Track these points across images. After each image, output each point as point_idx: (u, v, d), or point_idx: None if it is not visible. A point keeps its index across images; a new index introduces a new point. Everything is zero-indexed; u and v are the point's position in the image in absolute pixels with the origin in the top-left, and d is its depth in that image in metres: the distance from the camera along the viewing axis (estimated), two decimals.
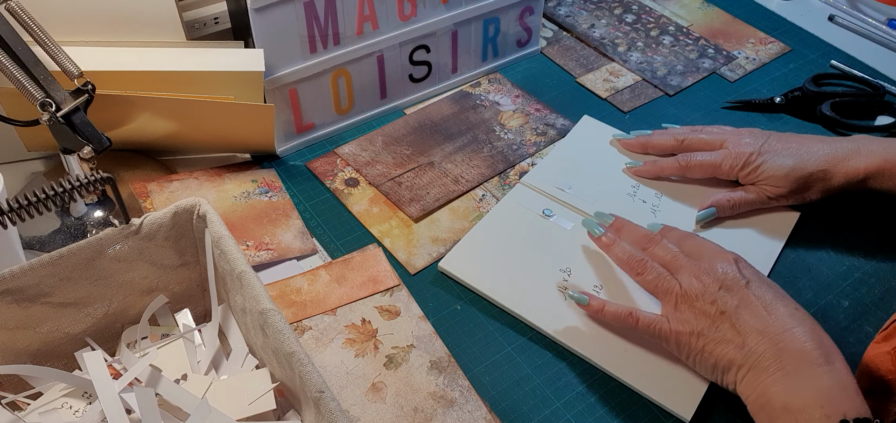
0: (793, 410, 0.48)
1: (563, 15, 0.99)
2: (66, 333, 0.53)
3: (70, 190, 0.47)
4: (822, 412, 0.47)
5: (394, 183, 0.74)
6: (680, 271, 0.58)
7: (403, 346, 0.60)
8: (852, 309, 0.64)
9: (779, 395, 0.49)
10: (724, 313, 0.54)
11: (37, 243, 0.65)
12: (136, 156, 0.75)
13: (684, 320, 0.55)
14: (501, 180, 0.75)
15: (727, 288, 0.55)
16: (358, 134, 0.80)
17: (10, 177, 0.71)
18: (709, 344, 0.54)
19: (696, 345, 0.54)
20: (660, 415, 0.56)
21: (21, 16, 0.61)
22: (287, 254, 0.66)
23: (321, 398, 0.43)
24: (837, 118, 0.82)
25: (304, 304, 0.62)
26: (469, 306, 0.63)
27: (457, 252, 0.67)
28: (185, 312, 0.57)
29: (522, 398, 0.57)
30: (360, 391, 0.56)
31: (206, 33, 0.78)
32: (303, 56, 0.74)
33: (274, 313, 0.48)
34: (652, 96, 0.87)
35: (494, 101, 0.85)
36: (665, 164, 0.73)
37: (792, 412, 0.48)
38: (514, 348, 0.60)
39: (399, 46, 0.80)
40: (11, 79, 0.57)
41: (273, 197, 0.72)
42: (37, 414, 0.50)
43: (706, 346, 0.54)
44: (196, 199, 0.54)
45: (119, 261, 0.53)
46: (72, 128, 0.59)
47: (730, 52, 0.94)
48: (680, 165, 0.72)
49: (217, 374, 0.54)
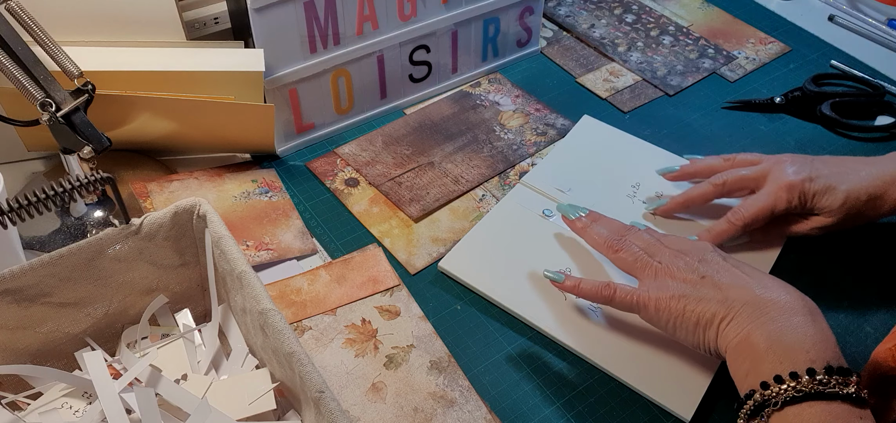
0: (777, 351, 0.48)
1: (563, 15, 0.99)
2: (66, 333, 0.53)
3: (70, 190, 0.47)
4: (807, 357, 0.47)
5: (394, 183, 0.74)
6: (657, 253, 0.57)
7: (403, 346, 0.60)
8: (852, 309, 0.64)
9: (762, 338, 0.49)
10: (704, 277, 0.54)
11: (37, 243, 0.65)
12: (136, 156, 0.75)
13: (664, 287, 0.55)
14: (501, 180, 0.75)
15: (706, 262, 0.55)
16: (358, 134, 0.80)
17: (10, 177, 0.71)
18: (690, 303, 0.53)
19: (677, 307, 0.54)
20: (660, 415, 0.56)
21: (21, 16, 0.61)
22: (287, 254, 0.66)
23: (321, 398, 0.43)
24: (837, 118, 0.82)
25: (304, 304, 0.62)
26: (469, 306, 0.63)
27: (457, 252, 0.67)
28: (185, 312, 0.57)
29: (522, 398, 0.57)
30: (360, 391, 0.56)
31: (206, 33, 0.78)
32: (303, 56, 0.74)
33: (274, 313, 0.48)
34: (652, 96, 0.87)
35: (494, 101, 0.85)
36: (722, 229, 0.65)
37: (776, 353, 0.48)
38: (514, 349, 0.60)
39: (399, 46, 0.80)
40: (11, 79, 0.57)
41: (273, 197, 0.72)
42: (37, 414, 0.50)
43: (687, 306, 0.53)
44: (196, 199, 0.54)
45: (119, 261, 0.53)
46: (72, 128, 0.59)
47: (730, 52, 0.94)
48: (733, 224, 0.64)
49: (217, 374, 0.54)
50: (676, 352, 0.59)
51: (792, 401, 0.46)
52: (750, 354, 0.49)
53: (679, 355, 0.59)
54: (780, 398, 0.46)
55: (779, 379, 0.46)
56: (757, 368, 0.48)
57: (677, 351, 0.59)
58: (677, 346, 0.59)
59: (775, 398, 0.46)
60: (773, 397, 0.46)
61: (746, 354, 0.49)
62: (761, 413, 0.47)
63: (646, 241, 0.59)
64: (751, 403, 0.47)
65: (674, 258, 0.56)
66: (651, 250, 0.58)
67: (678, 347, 0.59)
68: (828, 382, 0.45)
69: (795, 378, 0.46)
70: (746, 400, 0.48)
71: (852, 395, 0.45)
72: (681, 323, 0.54)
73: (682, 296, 0.54)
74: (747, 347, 0.49)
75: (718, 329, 0.52)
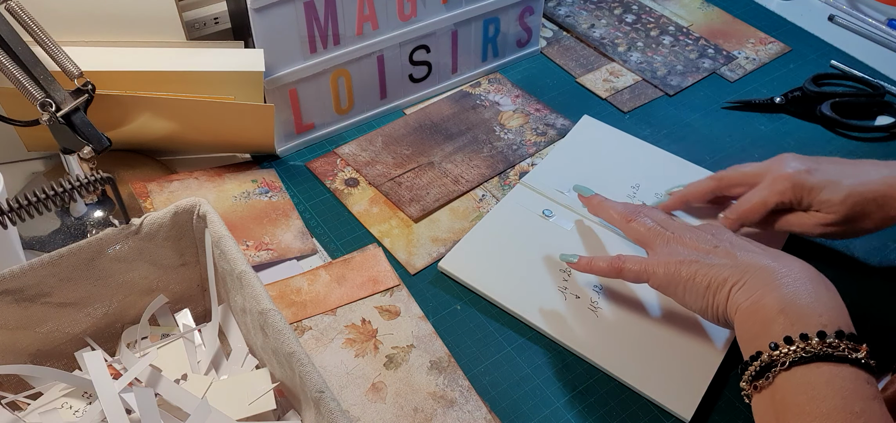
0: (790, 314, 0.47)
1: (563, 15, 0.99)
2: (66, 333, 0.53)
3: (70, 190, 0.47)
4: (819, 320, 0.46)
5: (394, 183, 0.74)
6: (670, 226, 0.59)
7: (403, 346, 0.60)
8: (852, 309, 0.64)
9: (774, 301, 0.48)
10: (717, 247, 0.54)
11: (37, 243, 0.65)
12: (136, 156, 0.75)
13: (675, 252, 0.55)
14: (501, 180, 0.75)
15: (719, 234, 0.56)
16: (358, 134, 0.80)
17: (10, 177, 0.71)
18: (702, 268, 0.53)
19: (688, 271, 0.53)
20: (660, 415, 0.56)
21: (21, 16, 0.61)
22: (287, 254, 0.66)
23: (321, 398, 0.43)
24: (837, 118, 0.82)
25: (304, 304, 0.62)
26: (469, 306, 0.63)
27: (457, 252, 0.67)
28: (185, 312, 0.57)
29: (522, 398, 0.57)
30: (360, 391, 0.56)
31: (206, 33, 0.78)
32: (303, 56, 0.74)
33: (274, 313, 0.48)
34: (652, 96, 0.87)
35: (494, 101, 0.85)
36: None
37: (788, 315, 0.47)
38: (514, 349, 0.60)
39: (399, 46, 0.80)
40: (11, 79, 0.57)
41: (273, 197, 0.72)
42: (37, 414, 0.50)
43: (699, 270, 0.53)
44: (196, 199, 0.54)
45: (119, 261, 0.53)
46: (72, 128, 0.59)
47: (730, 52, 0.94)
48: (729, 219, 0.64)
49: (217, 374, 0.54)
50: (676, 352, 0.59)
51: (800, 361, 0.45)
52: (761, 317, 0.49)
53: (679, 355, 0.59)
54: (788, 359, 0.45)
55: (788, 340, 0.46)
56: (767, 330, 0.48)
57: (677, 351, 0.59)
58: (677, 346, 0.59)
59: (784, 359, 0.46)
60: (781, 357, 0.46)
61: (757, 317, 0.49)
62: (767, 374, 0.46)
63: (659, 216, 0.60)
64: (757, 364, 0.47)
65: (685, 230, 0.57)
66: (664, 223, 0.59)
67: (678, 347, 0.59)
68: (838, 345, 0.45)
69: (806, 340, 0.46)
70: (752, 362, 0.48)
71: (861, 361, 0.45)
72: (691, 287, 0.53)
73: (694, 261, 0.54)
74: (758, 309, 0.49)
75: (729, 293, 0.51)
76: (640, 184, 0.74)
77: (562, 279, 0.64)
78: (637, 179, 0.74)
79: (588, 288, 0.64)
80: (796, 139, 0.82)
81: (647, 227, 0.59)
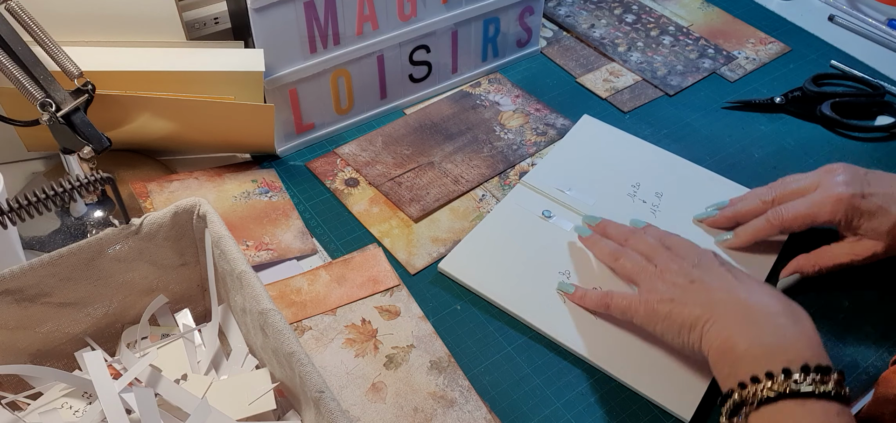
0: (756, 353, 0.48)
1: (563, 15, 0.99)
2: (66, 333, 0.53)
3: (70, 190, 0.47)
4: (784, 357, 0.47)
5: (394, 183, 0.74)
6: (657, 258, 0.59)
7: (403, 346, 0.60)
8: (852, 309, 0.64)
9: (743, 340, 0.50)
10: (694, 281, 0.55)
11: (37, 243, 0.65)
12: (136, 156, 0.75)
13: (654, 290, 0.56)
14: (501, 181, 0.75)
15: (701, 267, 0.56)
16: (358, 134, 0.80)
17: (10, 177, 0.71)
18: (677, 307, 0.54)
19: (664, 310, 0.55)
20: (660, 415, 0.56)
21: (21, 16, 0.61)
22: (287, 254, 0.66)
23: (321, 398, 0.43)
24: (837, 118, 0.82)
25: (304, 304, 0.62)
26: (469, 306, 0.63)
27: (457, 253, 0.67)
28: (185, 312, 0.57)
29: (522, 398, 0.57)
30: (360, 391, 0.56)
31: (206, 33, 0.78)
32: (303, 56, 0.74)
33: (274, 313, 0.48)
34: (652, 96, 0.87)
35: (494, 101, 0.85)
36: (759, 227, 0.64)
37: (754, 354, 0.48)
38: (514, 349, 0.60)
39: (399, 46, 0.80)
40: (11, 79, 0.57)
41: (273, 197, 0.72)
42: (37, 414, 0.50)
43: (674, 309, 0.54)
44: (196, 199, 0.54)
45: (119, 261, 0.53)
46: (72, 128, 0.59)
47: (730, 52, 0.94)
48: (771, 223, 0.63)
49: (217, 374, 0.54)
50: (676, 352, 0.59)
51: (767, 401, 0.46)
52: (730, 356, 0.50)
53: (679, 355, 0.59)
54: (755, 399, 0.47)
55: (755, 379, 0.47)
56: (736, 369, 0.49)
57: (677, 351, 0.59)
58: None
59: (751, 398, 0.47)
60: (749, 397, 0.47)
61: (727, 356, 0.50)
62: (740, 412, 0.48)
63: (648, 245, 0.60)
64: (730, 402, 0.48)
65: (669, 261, 0.58)
66: (650, 254, 0.60)
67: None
68: (803, 381, 0.46)
69: (771, 378, 0.46)
70: (726, 399, 0.49)
71: (830, 393, 0.45)
72: (668, 326, 0.55)
73: (671, 299, 0.55)
74: (728, 349, 0.50)
75: (702, 332, 0.52)
76: (640, 183, 0.74)
77: (561, 280, 0.64)
78: (637, 179, 0.74)
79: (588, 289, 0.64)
80: (796, 139, 0.82)
81: (632, 264, 0.60)
